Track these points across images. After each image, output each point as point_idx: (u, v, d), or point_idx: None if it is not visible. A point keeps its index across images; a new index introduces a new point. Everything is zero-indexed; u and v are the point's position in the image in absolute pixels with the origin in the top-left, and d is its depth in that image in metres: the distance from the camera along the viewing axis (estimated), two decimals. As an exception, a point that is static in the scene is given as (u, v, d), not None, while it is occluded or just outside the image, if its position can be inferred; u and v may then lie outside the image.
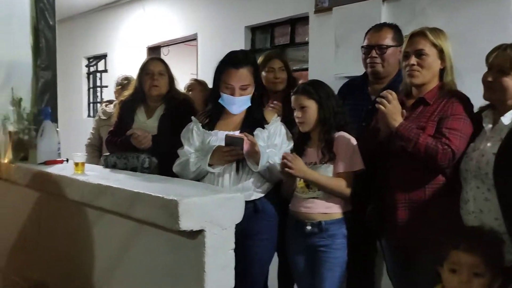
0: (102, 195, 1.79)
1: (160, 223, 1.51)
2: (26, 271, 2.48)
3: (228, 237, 1.53)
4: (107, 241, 1.90)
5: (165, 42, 5.08)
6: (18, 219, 2.62)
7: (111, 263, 1.88)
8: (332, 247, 2.01)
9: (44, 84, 2.64)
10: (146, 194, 1.56)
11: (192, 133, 2.10)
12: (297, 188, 2.09)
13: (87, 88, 6.70)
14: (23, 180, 2.44)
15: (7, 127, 2.70)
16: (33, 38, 2.62)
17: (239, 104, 2.04)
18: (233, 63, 2.03)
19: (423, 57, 1.90)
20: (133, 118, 2.50)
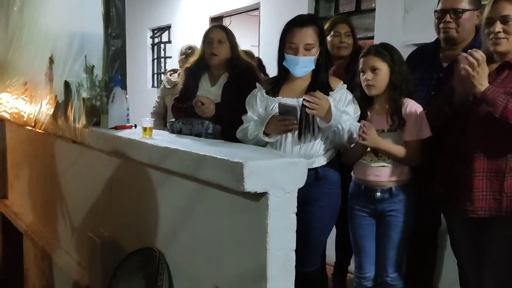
0: (169, 158, 1.87)
1: (225, 185, 1.56)
2: (99, 228, 2.67)
3: (291, 201, 1.55)
4: (174, 202, 1.98)
5: (227, 12, 5.08)
6: (92, 180, 2.80)
7: (177, 223, 1.97)
8: (401, 211, 2.04)
9: (115, 52, 2.74)
10: (212, 157, 1.61)
11: (256, 100, 2.11)
12: (365, 156, 2.08)
13: (152, 59, 6.89)
14: (96, 144, 2.59)
15: (81, 93, 2.86)
16: (104, 8, 2.71)
17: (302, 65, 2.00)
18: (298, 23, 2.01)
19: (509, 23, 1.78)
20: (198, 85, 2.55)
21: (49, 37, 3.44)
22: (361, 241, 2.17)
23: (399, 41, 2.74)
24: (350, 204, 2.19)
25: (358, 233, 2.17)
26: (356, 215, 2.16)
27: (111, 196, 2.56)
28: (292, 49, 2.00)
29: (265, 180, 1.48)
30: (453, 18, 2.12)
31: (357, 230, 2.17)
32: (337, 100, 2.03)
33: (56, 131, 3.23)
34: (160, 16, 6.35)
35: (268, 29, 4.39)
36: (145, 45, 6.79)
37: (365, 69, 2.04)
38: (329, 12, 3.84)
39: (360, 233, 2.16)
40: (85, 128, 2.72)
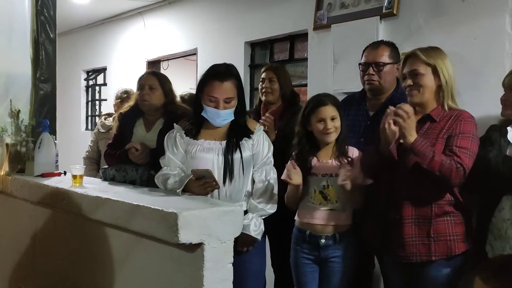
0: (101, 208, 1.79)
1: (159, 236, 1.51)
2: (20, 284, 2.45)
3: (227, 251, 1.53)
4: (106, 254, 1.88)
5: (165, 56, 5.10)
6: (14, 232, 2.60)
7: (109, 276, 1.86)
8: (344, 257, 2.09)
9: (43, 96, 2.65)
10: (145, 207, 1.56)
11: (175, 141, 2.09)
12: (313, 199, 2.11)
13: (86, 101, 6.69)
14: (19, 193, 2.43)
15: (5, 139, 2.70)
16: (33, 50, 2.64)
17: (223, 117, 2.03)
18: (217, 76, 2.02)
19: (418, 77, 1.94)
20: (132, 131, 2.51)
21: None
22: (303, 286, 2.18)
23: (330, 89, 2.88)
24: (294, 250, 2.20)
25: (302, 280, 2.18)
26: (300, 262, 2.17)
27: (35, 249, 2.38)
28: (212, 102, 2.01)
29: (200, 230, 1.46)
30: (375, 70, 2.28)
31: (301, 278, 2.18)
32: (255, 141, 2.08)
33: (-25, 179, 3.00)
34: (95, 58, 6.24)
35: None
36: (79, 87, 6.61)
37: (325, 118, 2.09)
38: (264, 59, 3.97)
39: (304, 281, 2.17)
40: (7, 176, 2.56)
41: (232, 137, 2.04)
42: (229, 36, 4.12)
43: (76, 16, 5.56)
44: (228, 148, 2.01)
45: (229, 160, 1.99)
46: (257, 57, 4.04)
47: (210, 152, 2.02)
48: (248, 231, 1.95)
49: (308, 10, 3.37)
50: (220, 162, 2.00)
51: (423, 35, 2.70)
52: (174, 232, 1.42)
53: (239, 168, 2.01)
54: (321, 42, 3.31)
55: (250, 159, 2.06)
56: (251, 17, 3.93)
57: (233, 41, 4.08)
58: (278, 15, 3.70)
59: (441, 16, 2.65)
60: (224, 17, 4.23)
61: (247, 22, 4.00)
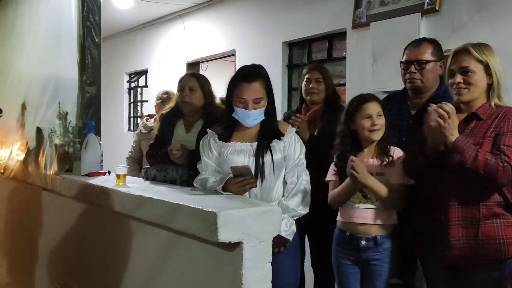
0: (143, 207, 1.84)
1: (199, 235, 1.53)
2: (67, 279, 2.56)
3: (266, 250, 1.53)
4: (146, 251, 1.93)
5: (203, 58, 5.18)
6: (62, 229, 2.71)
7: (149, 273, 1.91)
8: (386, 260, 2.05)
9: (89, 99, 2.74)
10: (185, 206, 1.59)
11: (209, 145, 2.12)
12: (353, 198, 2.11)
13: (128, 103, 6.90)
14: (67, 191, 2.53)
15: (54, 140, 2.82)
16: (80, 55, 2.73)
17: (253, 118, 2.04)
18: (245, 77, 2.03)
19: (469, 74, 1.87)
20: (173, 132, 2.56)
21: (23, 83, 3.42)
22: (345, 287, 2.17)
23: (369, 89, 2.84)
24: (335, 251, 2.20)
25: (344, 281, 2.17)
26: (341, 263, 2.16)
27: (82, 246, 2.48)
28: (242, 103, 2.03)
29: (239, 229, 1.47)
30: (417, 69, 2.22)
31: (343, 279, 2.17)
32: (287, 142, 2.08)
33: (26, 178, 3.15)
34: (137, 60, 6.42)
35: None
36: (122, 89, 6.82)
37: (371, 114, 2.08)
38: (302, 59, 3.96)
39: (346, 282, 2.16)
40: (56, 175, 2.67)
41: (263, 139, 2.05)
42: (267, 36, 4.14)
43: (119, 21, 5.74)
44: (259, 150, 2.02)
45: (260, 162, 2.00)
46: (295, 57, 4.03)
47: (241, 154, 2.03)
48: (279, 232, 1.94)
49: (346, 9, 3.34)
50: (251, 164, 2.00)
51: (467, 31, 2.62)
52: (214, 231, 1.44)
53: (270, 170, 2.02)
54: (360, 40, 3.27)
55: (282, 161, 2.05)
56: (289, 17, 3.93)
57: (271, 41, 4.10)
58: (316, 15, 3.68)
59: (486, 10, 2.56)
60: (262, 17, 4.25)
61: (284, 22, 4.00)
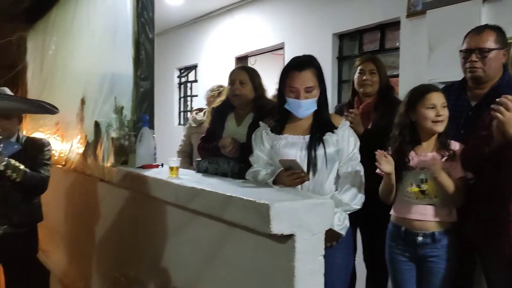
0: (196, 198, 1.87)
1: (251, 226, 1.54)
2: (124, 267, 2.66)
3: (318, 243, 1.52)
4: (200, 242, 1.97)
5: (252, 52, 5.20)
6: (118, 219, 2.82)
7: (202, 263, 1.94)
8: (444, 257, 1.99)
9: (143, 93, 2.81)
10: (238, 198, 1.60)
11: (261, 138, 2.12)
12: (409, 193, 2.04)
13: (178, 97, 7.06)
14: (123, 183, 2.62)
15: (110, 133, 2.93)
16: (134, 51, 2.80)
17: (305, 107, 2.01)
18: (296, 66, 2.02)
19: None
20: (224, 125, 2.58)
21: (81, 79, 3.57)
22: (402, 286, 2.11)
23: (425, 79, 2.74)
24: (388, 247, 2.14)
25: (398, 278, 2.11)
26: (396, 259, 2.10)
27: (137, 235, 2.56)
28: (293, 92, 2.00)
29: (292, 221, 1.46)
30: (479, 57, 2.10)
31: (397, 275, 2.11)
32: (340, 137, 2.03)
33: (85, 170, 3.30)
34: (187, 56, 6.54)
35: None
36: (172, 84, 6.98)
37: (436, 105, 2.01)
38: (353, 51, 3.88)
39: (400, 279, 2.10)
40: (113, 167, 2.77)
41: (315, 132, 2.02)
42: (317, 28, 4.09)
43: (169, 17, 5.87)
44: (311, 143, 1.99)
45: (312, 155, 1.97)
46: (345, 48, 3.96)
47: (293, 147, 2.01)
48: (331, 226, 1.90)
49: (400, -3, 3.23)
50: (303, 156, 1.98)
51: (533, 17, 2.46)
52: (266, 223, 1.44)
53: (323, 163, 1.98)
54: (414, 29, 3.16)
55: (335, 154, 2.01)
56: (339, 8, 3.86)
57: (320, 33, 4.05)
58: (368, 5, 3.59)
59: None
60: (311, 10, 4.20)
61: (335, 13, 3.94)
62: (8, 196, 2.87)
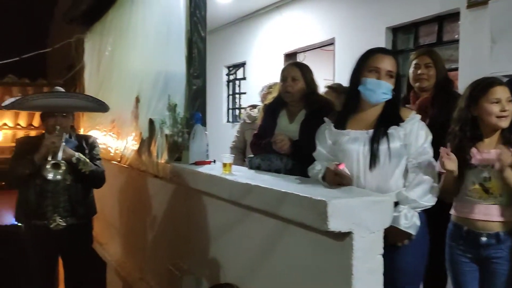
0: (250, 194, 1.88)
1: (307, 223, 1.53)
2: (178, 261, 2.72)
3: (377, 241, 1.49)
4: (253, 238, 1.98)
5: (301, 48, 5.16)
6: (172, 214, 2.89)
7: (256, 260, 1.95)
8: (508, 258, 1.90)
9: (196, 91, 2.86)
10: (293, 194, 1.59)
11: (324, 135, 2.08)
12: (472, 193, 1.96)
13: (227, 95, 7.13)
14: (177, 179, 2.68)
15: (164, 130, 3.00)
16: (187, 49, 2.86)
17: (384, 89, 1.93)
18: (381, 50, 2.00)
19: None
20: (276, 122, 2.58)
21: (136, 79, 3.68)
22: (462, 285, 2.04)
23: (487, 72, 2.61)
24: (449, 247, 2.07)
25: (460, 279, 2.04)
26: (457, 260, 2.03)
27: (190, 230, 2.61)
28: (374, 72, 1.94)
29: (350, 219, 1.44)
30: None
31: (459, 277, 2.04)
32: (408, 131, 1.94)
33: (140, 166, 3.40)
34: (235, 53, 6.60)
35: (343, 63, 4.37)
36: (221, 81, 7.06)
37: (501, 99, 1.92)
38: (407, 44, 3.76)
39: (462, 280, 2.03)
40: (167, 163, 2.83)
41: (380, 126, 1.95)
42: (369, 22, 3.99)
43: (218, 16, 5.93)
44: (374, 137, 1.92)
45: (374, 150, 1.91)
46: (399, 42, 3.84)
47: (355, 142, 1.96)
48: (397, 224, 1.84)
49: (460, -13, 3.09)
50: (366, 151, 1.92)
51: None
52: (323, 220, 1.42)
53: (386, 158, 1.91)
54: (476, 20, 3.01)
55: (401, 149, 1.92)
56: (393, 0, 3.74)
57: (373, 27, 3.95)
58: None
59: None
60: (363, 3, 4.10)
61: (388, 6, 3.82)
62: (72, 189, 3.02)
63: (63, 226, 2.99)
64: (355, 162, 1.93)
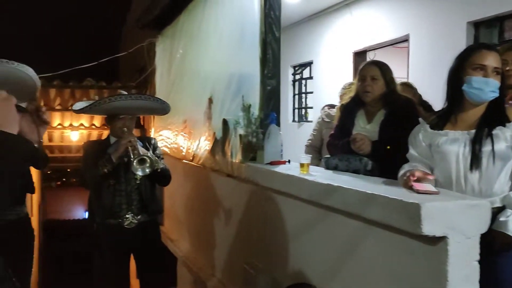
0: (332, 195, 1.86)
1: (396, 226, 1.49)
2: (252, 260, 2.75)
3: (473, 247, 1.42)
4: (333, 239, 1.96)
5: (371, 46, 5.04)
6: (246, 213, 2.92)
7: (337, 261, 1.93)
8: None
9: (270, 91, 2.89)
10: (382, 196, 1.56)
11: (417, 137, 2.01)
12: None
13: (292, 94, 7.11)
14: (253, 178, 2.71)
15: (238, 130, 3.05)
16: (261, 50, 2.89)
17: (492, 87, 1.83)
18: (485, 46, 1.89)
19: None
20: (353, 122, 2.53)
21: (209, 80, 3.77)
22: None
23: None
24: None
25: None
26: None
27: (266, 229, 2.63)
28: (480, 70, 1.85)
29: (444, 223, 1.39)
30: None
31: None
32: None
33: (213, 166, 3.48)
34: (302, 53, 6.56)
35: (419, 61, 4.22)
36: (287, 81, 7.05)
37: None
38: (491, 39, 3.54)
39: None
40: (241, 163, 2.87)
41: (484, 126, 1.84)
42: (448, 17, 3.80)
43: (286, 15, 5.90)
44: (476, 137, 1.82)
45: (476, 151, 1.80)
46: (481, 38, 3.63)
47: (455, 144, 1.86)
48: (506, 230, 1.71)
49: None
50: (466, 153, 1.82)
51: None
52: (416, 223, 1.38)
53: (489, 161, 1.80)
54: None
55: (507, 151, 1.80)
56: (475, -8, 3.55)
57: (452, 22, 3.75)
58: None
59: None
60: (441, -4, 3.92)
61: (470, 0, 3.63)
62: (142, 188, 3.15)
63: (135, 224, 3.12)
64: (454, 164, 1.84)
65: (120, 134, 3.05)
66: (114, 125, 3.12)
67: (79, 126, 7.83)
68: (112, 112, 3.09)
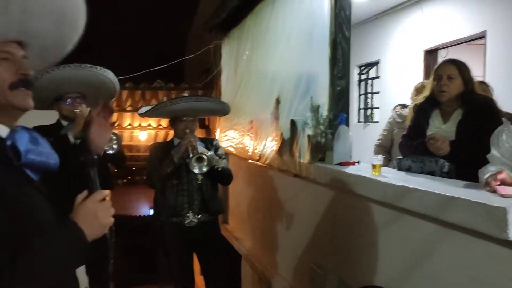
0: (407, 197, 1.82)
1: (480, 230, 1.44)
2: (320, 260, 2.75)
3: None
4: (407, 242, 1.91)
5: (443, 44, 4.82)
6: (314, 213, 2.92)
7: (412, 265, 1.88)
8: None
9: (339, 92, 2.86)
10: (463, 199, 1.51)
11: (499, 136, 1.91)
12: None
13: (358, 94, 6.98)
14: (321, 179, 2.71)
15: (306, 131, 3.06)
16: (331, 50, 2.87)
17: None
18: None
19: None
20: (428, 122, 2.46)
21: (276, 81, 3.81)
22: None
23: None
24: None
25: None
26: None
27: (334, 230, 2.62)
28: None
29: (533, 229, 1.32)
30: None
31: None
32: None
33: (280, 166, 3.51)
34: (368, 52, 6.42)
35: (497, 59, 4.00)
36: (352, 81, 6.92)
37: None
38: None
39: None
40: (310, 164, 2.88)
41: None
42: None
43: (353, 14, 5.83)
44: None
45: None
46: None
47: None
48: None
49: None
50: None
51: None
52: (502, 228, 1.33)
53: None
54: None
55: None
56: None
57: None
58: None
59: None
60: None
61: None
62: (203, 187, 3.24)
63: (195, 223, 3.21)
64: None
65: (182, 135, 3.16)
66: (177, 127, 3.23)
67: (147, 126, 8.21)
68: (174, 115, 3.20)
